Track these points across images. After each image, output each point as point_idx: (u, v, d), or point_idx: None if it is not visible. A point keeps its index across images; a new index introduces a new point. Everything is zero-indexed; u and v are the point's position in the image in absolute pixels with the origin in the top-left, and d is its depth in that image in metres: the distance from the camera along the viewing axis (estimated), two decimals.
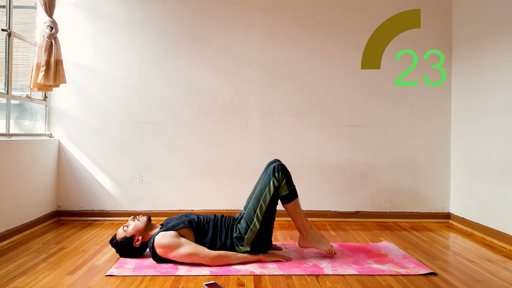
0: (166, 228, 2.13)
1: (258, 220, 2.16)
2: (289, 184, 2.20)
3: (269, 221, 2.20)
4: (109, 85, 3.25)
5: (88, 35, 3.25)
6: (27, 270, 2.02)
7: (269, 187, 2.17)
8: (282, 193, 2.19)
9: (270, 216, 2.19)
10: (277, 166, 2.19)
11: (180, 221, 2.18)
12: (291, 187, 2.21)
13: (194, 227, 2.18)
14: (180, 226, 2.14)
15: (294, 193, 2.22)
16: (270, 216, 2.19)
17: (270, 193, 2.16)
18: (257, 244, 2.17)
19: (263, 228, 2.17)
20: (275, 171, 2.17)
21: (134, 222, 2.22)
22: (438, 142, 3.34)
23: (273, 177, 2.17)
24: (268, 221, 2.19)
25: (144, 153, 3.26)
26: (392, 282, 1.91)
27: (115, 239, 2.21)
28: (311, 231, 2.28)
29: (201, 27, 3.28)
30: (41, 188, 2.99)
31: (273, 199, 2.18)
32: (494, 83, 2.79)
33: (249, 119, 3.30)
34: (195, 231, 2.18)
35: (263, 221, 2.16)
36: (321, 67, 3.32)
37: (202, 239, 2.17)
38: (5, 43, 2.76)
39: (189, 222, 2.18)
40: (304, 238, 2.27)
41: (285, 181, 2.18)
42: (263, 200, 2.16)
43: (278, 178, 2.16)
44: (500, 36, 2.73)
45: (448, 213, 3.32)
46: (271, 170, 2.19)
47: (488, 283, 1.93)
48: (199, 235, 2.18)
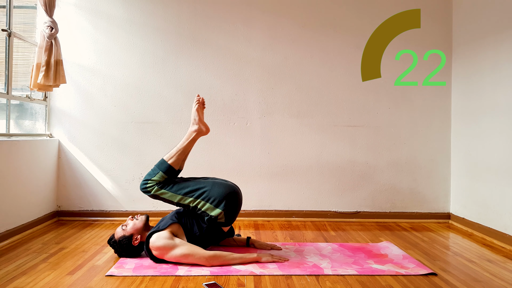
0: (157, 228, 2.15)
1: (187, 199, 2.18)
2: (154, 174, 2.21)
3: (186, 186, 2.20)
4: (109, 85, 3.25)
5: (88, 35, 3.25)
6: (27, 270, 2.02)
7: (163, 195, 2.20)
8: (164, 176, 2.21)
9: (184, 187, 2.20)
10: (141, 188, 2.23)
11: (168, 218, 2.22)
12: (155, 172, 2.21)
13: (182, 221, 2.20)
14: (169, 223, 2.16)
15: (161, 165, 2.23)
16: (183, 187, 2.19)
17: (167, 192, 2.19)
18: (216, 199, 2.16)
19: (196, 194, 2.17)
20: (147, 189, 2.21)
21: (132, 221, 2.23)
22: (438, 142, 3.34)
23: (153, 192, 2.20)
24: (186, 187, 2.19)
25: (144, 153, 3.26)
26: (392, 282, 1.91)
27: (113, 238, 2.22)
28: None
29: (201, 27, 3.28)
30: (41, 188, 2.99)
31: (174, 187, 2.19)
32: (494, 83, 2.79)
33: (249, 119, 3.30)
34: (184, 225, 2.19)
35: (187, 193, 2.18)
36: (321, 67, 3.32)
37: (191, 231, 2.18)
38: (5, 43, 2.76)
39: (176, 217, 2.21)
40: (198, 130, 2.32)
41: (152, 177, 2.21)
42: (179, 201, 2.19)
43: (151, 184, 2.20)
44: (500, 36, 2.73)
45: (448, 213, 3.32)
46: (148, 194, 2.23)
47: (488, 283, 1.93)
48: (187, 228, 2.19)
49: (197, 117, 2.29)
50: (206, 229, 2.17)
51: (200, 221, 2.20)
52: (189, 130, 2.30)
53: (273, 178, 3.30)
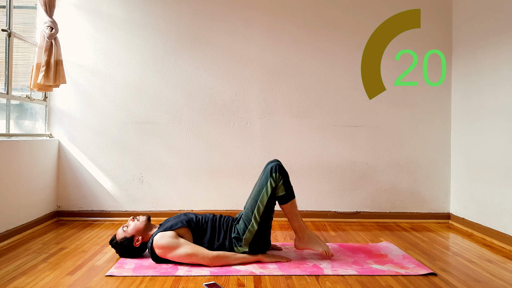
0: (164, 228, 2.13)
1: (256, 221, 2.15)
2: (286, 185, 2.18)
3: (267, 221, 2.19)
4: (109, 85, 3.25)
5: (88, 35, 3.25)
6: (27, 270, 2.02)
7: (266, 187, 2.16)
8: (279, 193, 2.18)
9: (268, 217, 2.19)
10: (274, 166, 2.17)
11: (178, 221, 2.18)
12: (289, 187, 2.20)
13: (192, 227, 2.18)
14: (178, 225, 2.13)
15: (291, 194, 2.20)
16: (268, 216, 2.18)
17: (267, 193, 2.15)
18: (255, 244, 2.17)
19: (261, 228, 2.16)
20: (272, 171, 2.16)
21: (133, 222, 2.22)
22: (438, 143, 3.34)
23: (270, 178, 2.16)
24: (266, 221, 2.18)
25: (144, 153, 3.26)
26: (392, 282, 1.91)
27: (115, 239, 2.21)
28: (307, 232, 2.27)
29: (201, 27, 3.28)
30: (41, 188, 2.99)
31: (271, 200, 2.17)
32: (494, 83, 2.79)
33: (249, 119, 3.30)
34: (193, 231, 2.18)
35: (261, 221, 2.16)
36: (321, 67, 3.32)
37: (200, 239, 2.17)
38: (5, 43, 2.77)
39: (187, 221, 2.18)
40: (300, 240, 2.26)
41: (282, 181, 2.16)
42: (260, 201, 2.16)
43: (276, 178, 2.15)
44: (500, 36, 2.73)
45: (448, 213, 3.32)
46: (268, 170, 2.18)
47: (488, 283, 1.93)
48: (197, 235, 2.18)
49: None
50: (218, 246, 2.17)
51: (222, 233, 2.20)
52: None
53: None
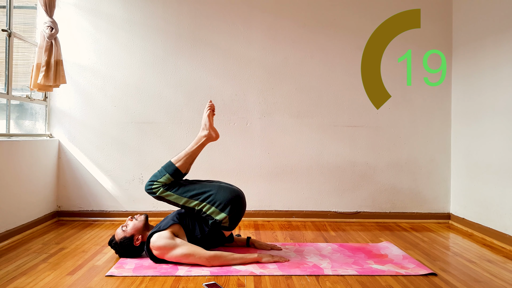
0: (158, 228, 2.15)
1: (192, 202, 2.17)
2: (161, 175, 2.20)
3: (192, 189, 2.19)
4: (109, 85, 3.25)
5: (88, 36, 3.25)
6: (27, 270, 2.02)
7: (168, 197, 2.19)
8: (170, 179, 2.19)
9: (190, 189, 2.19)
10: (146, 189, 2.21)
11: (169, 218, 2.21)
12: (162, 174, 2.20)
13: (184, 223, 2.19)
14: (170, 223, 2.15)
15: (168, 168, 2.21)
16: (189, 190, 2.19)
17: (172, 194, 2.18)
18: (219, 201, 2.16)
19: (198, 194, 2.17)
20: (152, 190, 2.19)
21: (132, 221, 2.23)
22: (438, 143, 3.34)
23: (158, 193, 2.19)
24: (191, 192, 2.19)
25: (144, 153, 3.26)
26: (392, 282, 1.91)
27: (114, 240, 2.21)
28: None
29: (201, 27, 3.28)
30: (41, 188, 2.99)
31: (179, 190, 2.18)
32: (494, 83, 2.79)
33: (249, 119, 3.30)
34: (185, 226, 2.19)
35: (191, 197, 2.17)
36: (321, 67, 3.32)
37: (192, 232, 2.18)
38: (5, 44, 2.77)
39: (177, 217, 2.20)
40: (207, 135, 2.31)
41: (158, 179, 2.19)
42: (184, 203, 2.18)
43: (156, 185, 2.18)
44: (500, 36, 2.73)
45: (448, 213, 3.32)
46: (152, 195, 2.21)
47: (488, 283, 1.93)
48: (189, 229, 2.19)
49: (208, 123, 2.29)
50: (208, 232, 2.17)
51: (203, 224, 2.19)
52: (199, 135, 2.29)
53: (273, 178, 3.30)
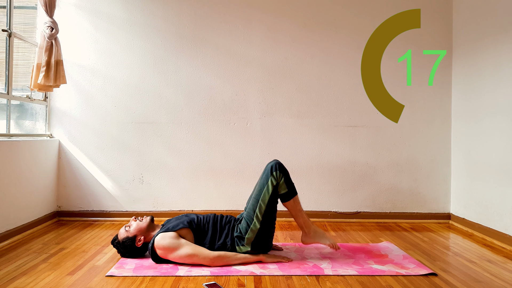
0: (165, 229, 2.13)
1: (258, 220, 2.16)
2: (288, 182, 2.19)
3: (269, 221, 2.19)
4: (110, 85, 3.25)
5: (88, 36, 3.25)
6: (27, 270, 2.02)
7: (267, 186, 2.16)
8: (281, 191, 2.19)
9: (271, 216, 2.19)
10: (274, 165, 2.18)
11: (179, 222, 2.18)
12: (290, 185, 2.20)
13: (193, 228, 2.18)
14: (179, 226, 2.13)
15: (293, 191, 2.22)
16: (270, 215, 2.19)
17: (269, 192, 2.16)
18: (257, 244, 2.17)
19: (263, 227, 2.17)
20: (272, 170, 2.17)
21: (136, 222, 2.22)
22: (438, 143, 3.34)
23: (271, 176, 2.16)
24: (268, 221, 2.19)
25: (145, 153, 3.26)
26: (392, 282, 1.91)
27: (117, 239, 2.21)
28: (313, 227, 2.28)
29: (201, 27, 3.28)
30: (41, 188, 2.99)
31: (272, 198, 2.17)
32: (494, 83, 2.79)
33: (249, 119, 3.30)
34: (195, 231, 2.17)
35: (263, 220, 2.16)
36: (321, 67, 3.32)
37: (202, 239, 2.17)
38: (5, 44, 2.77)
39: (188, 222, 2.18)
40: (306, 235, 2.28)
41: (284, 179, 2.17)
42: (262, 200, 2.16)
43: (276, 176, 2.16)
44: (500, 36, 2.73)
45: (448, 213, 3.32)
46: (268, 169, 2.19)
47: (489, 283, 1.93)
48: (198, 235, 2.17)
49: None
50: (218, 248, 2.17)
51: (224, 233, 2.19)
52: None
53: None
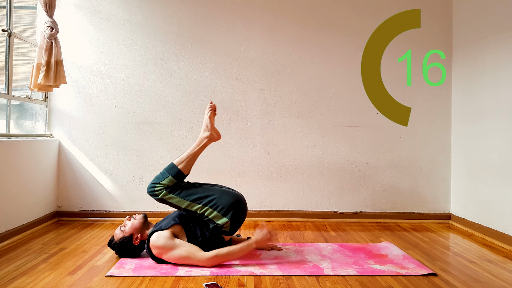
0: (158, 228, 2.14)
1: (196, 207, 2.15)
2: (164, 177, 2.18)
3: (196, 193, 2.18)
4: (110, 85, 3.25)
5: (88, 36, 3.25)
6: (27, 270, 2.02)
7: (170, 199, 2.17)
8: (173, 181, 2.17)
9: (191, 192, 2.18)
10: (148, 191, 2.18)
11: (170, 219, 2.20)
12: (165, 176, 2.18)
13: (184, 223, 2.18)
14: (171, 223, 2.14)
15: (171, 170, 2.19)
16: (192, 194, 2.17)
17: (175, 197, 2.16)
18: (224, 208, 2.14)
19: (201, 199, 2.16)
20: (154, 192, 2.17)
21: (130, 221, 2.22)
22: (438, 143, 3.34)
23: (160, 195, 2.16)
24: (195, 193, 2.18)
25: (144, 153, 3.26)
26: (392, 282, 1.91)
27: (114, 240, 2.21)
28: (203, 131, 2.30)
29: (201, 27, 3.28)
30: (41, 188, 2.99)
31: (182, 193, 2.16)
32: (494, 83, 2.79)
33: (249, 119, 3.30)
34: (186, 227, 2.18)
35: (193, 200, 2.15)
36: (321, 67, 3.32)
37: (193, 234, 2.17)
38: (5, 44, 2.77)
39: (179, 218, 2.19)
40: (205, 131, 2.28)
41: (161, 181, 2.17)
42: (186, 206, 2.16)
43: (159, 187, 2.16)
44: (500, 36, 2.73)
45: (448, 213, 3.32)
46: (154, 198, 2.19)
47: (489, 283, 1.93)
48: (189, 230, 2.18)
49: (209, 124, 2.28)
50: (209, 236, 2.16)
51: (204, 228, 2.18)
52: (201, 136, 2.28)
53: (273, 179, 3.30)
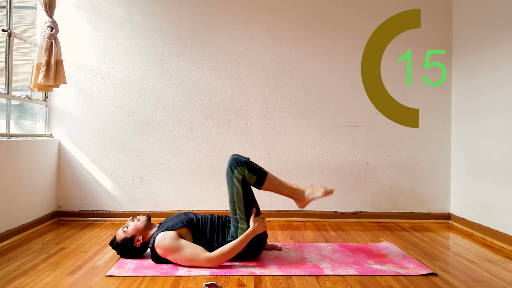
0: (165, 228, 2.12)
1: (242, 220, 2.15)
2: (252, 170, 2.15)
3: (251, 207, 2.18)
4: (109, 85, 3.25)
5: (88, 36, 3.25)
6: (27, 270, 2.02)
7: (235, 185, 2.14)
8: (251, 181, 2.16)
9: (250, 204, 2.17)
10: (231, 162, 2.15)
11: (178, 220, 2.17)
12: (256, 170, 2.16)
13: (192, 227, 2.17)
14: (178, 225, 2.12)
15: (262, 174, 2.18)
16: (249, 208, 2.17)
17: (238, 189, 2.14)
18: (252, 240, 2.15)
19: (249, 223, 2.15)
20: (232, 168, 2.14)
21: (133, 222, 2.22)
22: (438, 143, 3.34)
23: (233, 176, 2.14)
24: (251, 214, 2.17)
25: (144, 153, 3.26)
26: (392, 282, 1.91)
27: (115, 240, 2.21)
28: (299, 189, 2.26)
29: (201, 27, 3.28)
30: (41, 188, 2.99)
31: (246, 192, 2.16)
32: (494, 83, 2.79)
33: (249, 119, 3.30)
34: (193, 231, 2.17)
35: (247, 217, 2.15)
36: (321, 67, 3.32)
37: (200, 240, 2.17)
38: (5, 44, 2.77)
39: (187, 221, 2.17)
40: (297, 200, 2.26)
41: (247, 169, 2.14)
42: (237, 200, 2.15)
43: (239, 171, 2.14)
44: (500, 36, 2.73)
45: (448, 213, 3.32)
46: (228, 170, 2.16)
47: (489, 283, 1.93)
48: (197, 235, 2.17)
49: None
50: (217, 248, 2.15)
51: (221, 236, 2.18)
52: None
53: None
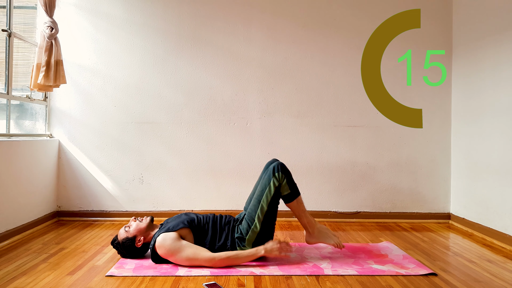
0: (166, 229, 2.12)
1: (259, 221, 2.16)
2: (290, 183, 2.19)
3: (270, 222, 2.19)
4: (109, 85, 3.25)
5: (88, 36, 3.25)
6: (27, 270, 2.02)
7: (269, 187, 2.16)
8: (284, 192, 2.19)
9: (271, 217, 2.19)
10: (276, 166, 2.18)
11: (179, 221, 2.17)
12: (293, 185, 2.20)
13: (194, 227, 2.17)
14: (179, 226, 2.12)
15: (296, 192, 2.22)
16: (271, 216, 2.18)
17: (271, 193, 2.16)
18: (258, 244, 2.17)
19: (264, 228, 2.17)
20: (275, 171, 2.16)
21: (136, 222, 2.21)
22: (438, 143, 3.34)
23: (273, 177, 2.16)
24: (269, 222, 2.18)
25: (144, 153, 3.26)
26: (392, 282, 1.91)
27: (117, 240, 2.20)
28: (317, 226, 2.28)
29: (201, 27, 3.28)
30: (41, 188, 2.99)
31: (274, 199, 2.17)
32: (494, 83, 2.79)
33: (249, 119, 3.30)
34: (195, 232, 2.17)
35: (264, 221, 2.16)
36: (321, 67, 3.32)
37: (201, 240, 2.17)
38: (5, 44, 2.77)
39: (188, 222, 2.17)
40: (310, 235, 2.28)
41: (286, 180, 2.17)
42: (263, 201, 2.16)
43: (279, 178, 2.16)
44: (500, 36, 2.73)
45: (448, 213, 3.32)
46: (271, 170, 2.18)
47: (488, 283, 1.93)
48: (198, 236, 2.17)
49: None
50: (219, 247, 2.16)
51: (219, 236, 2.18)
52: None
53: None
